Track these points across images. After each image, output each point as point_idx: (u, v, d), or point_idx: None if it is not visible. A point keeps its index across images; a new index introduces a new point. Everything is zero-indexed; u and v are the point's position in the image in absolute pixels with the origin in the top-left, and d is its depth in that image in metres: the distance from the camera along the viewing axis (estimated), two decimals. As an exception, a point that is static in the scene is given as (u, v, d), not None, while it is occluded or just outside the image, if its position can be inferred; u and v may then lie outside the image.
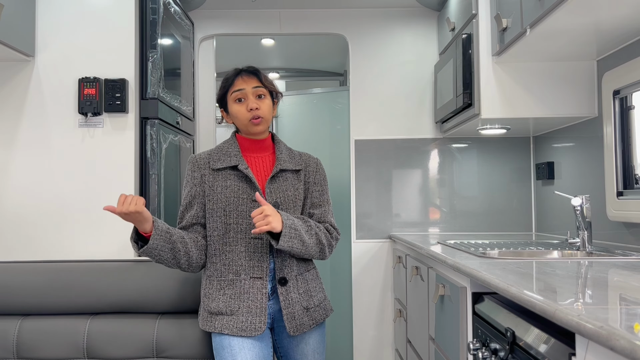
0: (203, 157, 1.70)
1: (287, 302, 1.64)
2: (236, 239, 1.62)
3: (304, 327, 1.66)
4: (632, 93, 2.08)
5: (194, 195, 1.66)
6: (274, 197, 1.65)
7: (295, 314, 1.65)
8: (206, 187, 1.65)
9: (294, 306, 1.65)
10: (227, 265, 1.62)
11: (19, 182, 2.40)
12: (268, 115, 1.68)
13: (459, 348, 1.62)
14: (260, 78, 1.69)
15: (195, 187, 1.66)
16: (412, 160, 3.24)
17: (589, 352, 0.89)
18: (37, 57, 2.43)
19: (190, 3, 3.17)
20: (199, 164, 1.68)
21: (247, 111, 1.65)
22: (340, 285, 3.50)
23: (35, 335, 1.75)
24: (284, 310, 1.63)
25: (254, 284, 1.60)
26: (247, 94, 1.66)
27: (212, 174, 1.66)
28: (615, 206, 2.10)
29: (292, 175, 1.70)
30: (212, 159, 1.68)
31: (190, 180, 1.68)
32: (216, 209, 1.63)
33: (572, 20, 1.85)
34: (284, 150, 1.73)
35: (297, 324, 1.65)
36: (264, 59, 4.45)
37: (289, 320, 1.63)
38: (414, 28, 3.28)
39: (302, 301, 1.66)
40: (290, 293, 1.65)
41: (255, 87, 1.67)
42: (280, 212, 1.57)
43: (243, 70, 1.71)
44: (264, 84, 1.68)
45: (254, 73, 1.69)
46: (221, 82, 1.74)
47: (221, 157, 1.67)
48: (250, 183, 1.64)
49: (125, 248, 2.37)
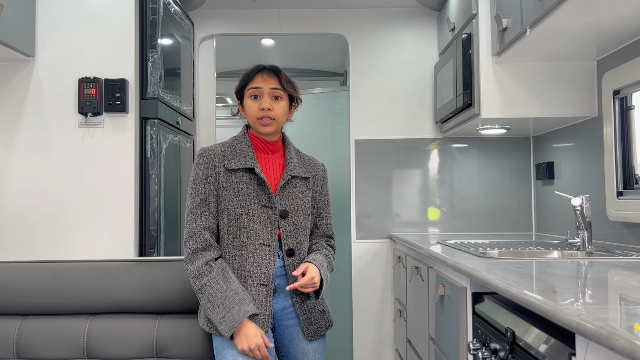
0: (217, 153, 1.64)
1: (303, 309, 1.67)
2: (246, 244, 1.60)
3: (320, 331, 1.70)
4: (632, 93, 2.08)
5: (208, 193, 1.61)
6: (283, 204, 1.64)
7: (312, 319, 1.68)
8: (220, 187, 1.62)
9: (311, 312, 1.68)
10: (236, 270, 1.61)
11: (19, 182, 2.40)
12: (280, 118, 1.65)
13: (459, 348, 1.62)
14: (280, 79, 1.64)
15: (210, 185, 1.61)
16: (412, 160, 3.24)
17: (589, 352, 0.89)
18: (37, 57, 2.43)
19: (190, 3, 3.17)
20: (214, 161, 1.62)
21: (259, 110, 1.63)
22: (340, 285, 3.50)
23: (35, 335, 1.75)
24: (301, 317, 1.66)
25: (260, 291, 1.59)
26: (263, 92, 1.63)
27: (226, 174, 1.62)
28: (615, 206, 2.10)
29: (301, 182, 1.70)
30: (226, 157, 1.63)
31: (204, 177, 1.61)
32: (227, 212, 1.60)
33: (572, 20, 1.85)
34: (294, 154, 1.72)
35: (315, 328, 1.68)
36: (264, 59, 4.44)
37: (306, 325, 1.67)
38: (414, 28, 3.28)
39: (318, 305, 1.70)
40: (306, 300, 1.68)
41: (273, 88, 1.63)
42: (314, 263, 1.63)
43: (265, 68, 1.66)
44: (283, 86, 1.64)
45: (276, 73, 1.65)
46: (242, 75, 1.70)
47: (235, 156, 1.63)
48: (262, 187, 1.62)
49: (125, 248, 2.38)
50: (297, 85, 1.71)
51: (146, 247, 2.43)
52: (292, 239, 1.65)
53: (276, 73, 1.66)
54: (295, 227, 1.65)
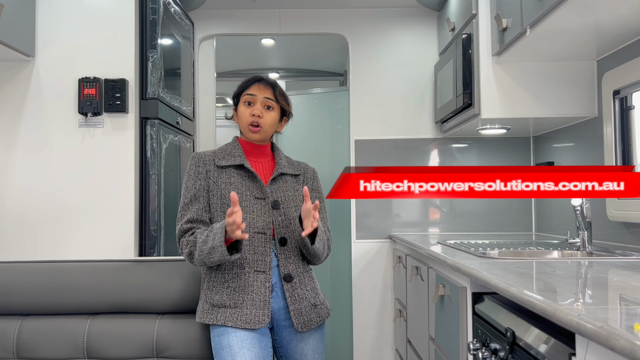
0: (207, 154, 1.73)
1: (293, 299, 1.67)
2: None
3: (311, 324, 1.69)
4: (632, 93, 2.08)
5: (198, 189, 1.67)
6: (275, 196, 1.69)
7: (303, 310, 1.68)
8: (211, 182, 1.68)
9: (301, 302, 1.68)
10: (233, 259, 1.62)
11: (19, 182, 2.40)
12: (269, 128, 1.72)
13: (459, 348, 1.62)
14: (275, 91, 1.73)
15: (200, 181, 1.68)
16: (412, 160, 3.24)
17: (589, 352, 0.89)
18: (37, 57, 2.43)
19: (190, 3, 3.17)
20: (204, 160, 1.71)
21: (249, 115, 1.70)
22: (340, 285, 3.50)
23: (35, 335, 1.75)
24: (291, 306, 1.66)
25: (258, 278, 1.62)
26: (256, 100, 1.71)
27: (217, 170, 1.69)
28: (615, 206, 2.10)
29: (291, 178, 1.76)
30: (216, 157, 1.71)
31: (194, 174, 1.69)
32: (220, 204, 1.65)
33: (572, 20, 1.85)
34: (283, 157, 1.79)
35: (305, 320, 1.68)
36: (264, 59, 4.45)
37: (296, 316, 1.66)
38: (414, 28, 3.28)
39: (309, 298, 1.71)
40: (297, 289, 1.68)
41: (267, 98, 1.71)
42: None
43: (263, 79, 1.75)
44: (277, 98, 1.73)
45: (272, 85, 1.74)
46: (241, 82, 1.78)
47: (225, 156, 1.71)
48: (253, 182, 1.68)
49: (125, 248, 2.37)
50: (290, 101, 1.79)
51: (146, 247, 2.43)
52: (284, 228, 1.68)
53: (272, 85, 1.74)
54: (287, 218, 1.68)
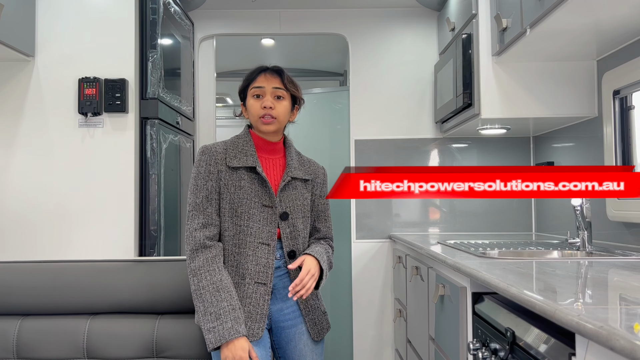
0: (219, 150, 1.64)
1: (307, 310, 1.68)
2: (245, 242, 1.60)
3: (323, 332, 1.72)
4: (632, 93, 2.08)
5: (210, 190, 1.60)
6: (284, 206, 1.64)
7: (316, 319, 1.70)
8: (222, 184, 1.61)
9: (314, 312, 1.70)
10: (235, 267, 1.61)
11: (19, 182, 2.40)
12: (282, 118, 1.65)
13: (459, 348, 1.62)
14: (283, 79, 1.65)
15: (212, 182, 1.61)
16: (412, 160, 3.24)
17: (589, 352, 0.89)
18: (37, 57, 2.43)
19: (190, 3, 3.17)
20: (216, 158, 1.62)
21: (261, 108, 1.62)
22: (340, 285, 3.50)
23: (35, 335, 1.75)
24: (306, 317, 1.67)
25: (258, 290, 1.59)
26: (265, 92, 1.63)
27: (228, 171, 1.61)
28: (615, 206, 2.10)
29: (301, 184, 1.70)
30: (228, 155, 1.63)
31: (205, 173, 1.61)
32: (228, 209, 1.61)
33: (572, 20, 1.85)
34: (295, 156, 1.72)
35: (319, 328, 1.70)
36: (264, 59, 4.44)
37: (312, 325, 1.68)
38: (414, 28, 3.28)
39: (320, 305, 1.72)
40: (310, 300, 1.69)
41: (276, 88, 1.64)
42: (312, 254, 1.62)
43: (268, 68, 1.67)
44: (286, 86, 1.65)
45: (278, 73, 1.66)
46: (245, 75, 1.71)
47: (237, 154, 1.63)
48: (263, 187, 1.62)
49: (125, 248, 2.37)
50: (299, 86, 1.71)
51: (146, 247, 2.43)
52: (293, 240, 1.65)
53: (279, 73, 1.66)
54: (295, 229, 1.65)
